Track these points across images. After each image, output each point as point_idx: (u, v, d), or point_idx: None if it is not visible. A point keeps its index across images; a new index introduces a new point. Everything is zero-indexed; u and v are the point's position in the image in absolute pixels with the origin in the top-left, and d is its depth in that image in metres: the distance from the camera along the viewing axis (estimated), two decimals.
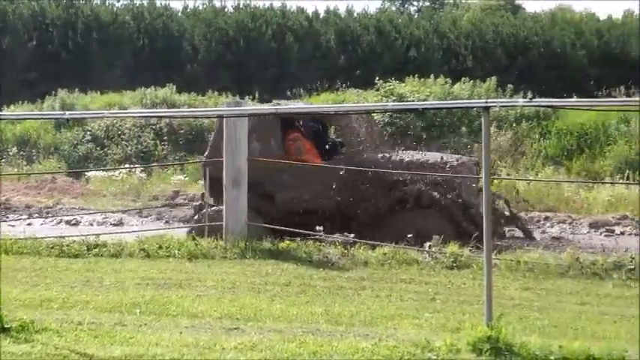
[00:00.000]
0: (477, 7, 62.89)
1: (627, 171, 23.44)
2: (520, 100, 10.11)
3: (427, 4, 70.15)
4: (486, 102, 8.72)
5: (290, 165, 15.30)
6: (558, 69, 43.19)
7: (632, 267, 11.64)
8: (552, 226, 18.56)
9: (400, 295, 10.71)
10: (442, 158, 15.90)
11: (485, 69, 39.77)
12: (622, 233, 18.11)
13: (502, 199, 16.50)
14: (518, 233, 16.70)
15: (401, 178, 15.19)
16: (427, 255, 12.85)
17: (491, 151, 11.41)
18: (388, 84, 29.17)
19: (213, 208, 15.14)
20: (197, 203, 16.32)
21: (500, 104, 9.73)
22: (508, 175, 22.11)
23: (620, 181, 22.47)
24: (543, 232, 17.91)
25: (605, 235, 17.87)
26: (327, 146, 16.74)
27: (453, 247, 12.88)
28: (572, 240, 16.83)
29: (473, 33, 45.82)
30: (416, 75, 32.23)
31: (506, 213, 16.45)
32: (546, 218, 19.23)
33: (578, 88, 37.06)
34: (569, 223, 19.01)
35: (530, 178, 22.27)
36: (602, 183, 21.80)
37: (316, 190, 15.35)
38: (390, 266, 12.48)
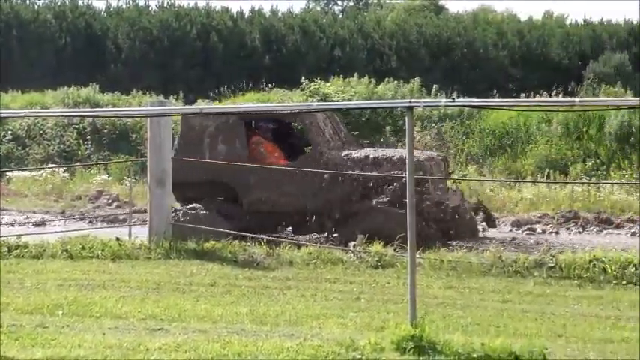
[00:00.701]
0: (400, 7, 63.28)
1: (547, 170, 23.78)
2: (443, 100, 10.19)
3: (351, 4, 70.38)
4: (410, 102, 8.78)
5: (256, 167, 15.25)
6: (481, 69, 43.66)
7: (553, 265, 11.81)
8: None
9: (325, 294, 10.73)
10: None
11: (409, 69, 40.02)
12: (543, 232, 18.36)
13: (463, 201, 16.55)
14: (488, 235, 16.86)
15: (365, 178, 15.11)
16: (352, 254, 12.90)
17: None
18: (313, 84, 29.21)
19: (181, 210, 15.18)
20: None
21: (424, 104, 9.79)
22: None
23: (541, 180, 22.76)
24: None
25: (527, 234, 18.10)
26: (292, 146, 16.68)
27: (377, 247, 12.94)
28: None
29: (397, 33, 46.09)
30: (341, 75, 32.34)
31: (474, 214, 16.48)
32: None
33: (500, 87, 37.52)
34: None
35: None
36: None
37: (283, 191, 15.30)
38: (315, 266, 12.50)
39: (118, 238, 13.78)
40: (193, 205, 15.44)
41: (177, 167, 15.16)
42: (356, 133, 25.83)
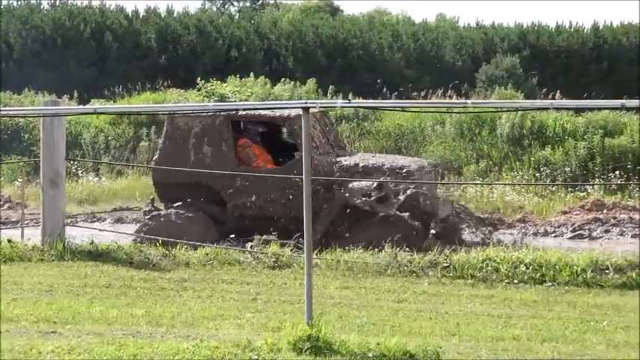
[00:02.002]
0: (296, 8, 63.44)
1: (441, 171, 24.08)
2: (339, 102, 10.29)
3: (247, 4, 70.27)
4: (306, 103, 8.83)
5: (243, 170, 14.98)
6: (376, 71, 43.95)
7: (447, 265, 11.98)
8: None
9: (222, 295, 10.73)
10: (397, 162, 15.53)
11: (305, 70, 40.11)
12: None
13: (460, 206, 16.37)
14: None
15: (355, 185, 14.84)
16: (249, 255, 12.90)
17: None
18: (210, 84, 29.09)
19: (163, 213, 15.03)
20: (147, 208, 15.85)
21: (320, 105, 9.86)
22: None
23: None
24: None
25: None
26: (280, 150, 16.42)
27: (274, 247, 12.97)
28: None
29: (293, 34, 46.13)
30: (237, 75, 32.24)
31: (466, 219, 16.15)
32: None
33: (395, 89, 37.84)
34: None
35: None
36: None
37: (269, 195, 15.03)
38: (211, 267, 12.48)
39: (9, 240, 13.53)
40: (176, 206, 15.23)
41: (160, 168, 15.01)
42: None
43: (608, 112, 24.54)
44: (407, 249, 12.96)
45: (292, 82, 32.30)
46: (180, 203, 15.27)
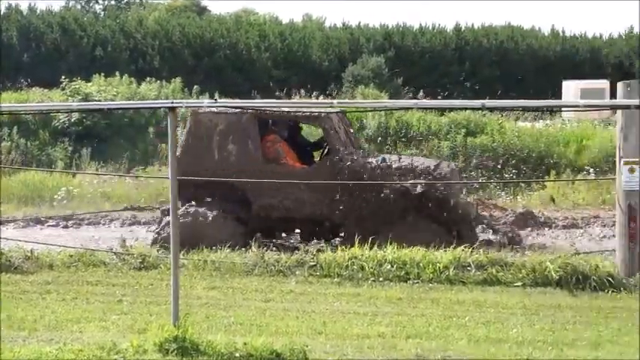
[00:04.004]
0: (163, 7, 62.94)
1: None
2: (205, 101, 10.28)
3: (113, 3, 69.37)
4: (172, 102, 8.81)
5: (271, 170, 14.40)
6: (244, 71, 43.99)
7: (314, 264, 12.06)
8: None
9: (86, 297, 10.60)
10: (429, 162, 15.07)
11: (172, 69, 39.85)
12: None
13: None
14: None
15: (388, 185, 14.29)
16: (114, 256, 12.75)
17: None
18: (74, 83, 28.63)
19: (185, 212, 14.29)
20: (164, 207, 15.06)
21: (186, 105, 9.85)
22: None
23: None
24: None
25: None
26: (307, 149, 16.05)
27: (140, 248, 12.86)
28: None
29: (159, 33, 45.78)
30: (102, 74, 31.77)
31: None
32: None
33: (262, 89, 37.92)
34: None
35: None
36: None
37: (296, 196, 14.44)
38: (76, 268, 12.29)
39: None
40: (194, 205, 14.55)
41: (182, 166, 14.42)
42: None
43: (469, 111, 25.06)
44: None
45: (158, 82, 32.04)
46: (193, 203, 14.69)
